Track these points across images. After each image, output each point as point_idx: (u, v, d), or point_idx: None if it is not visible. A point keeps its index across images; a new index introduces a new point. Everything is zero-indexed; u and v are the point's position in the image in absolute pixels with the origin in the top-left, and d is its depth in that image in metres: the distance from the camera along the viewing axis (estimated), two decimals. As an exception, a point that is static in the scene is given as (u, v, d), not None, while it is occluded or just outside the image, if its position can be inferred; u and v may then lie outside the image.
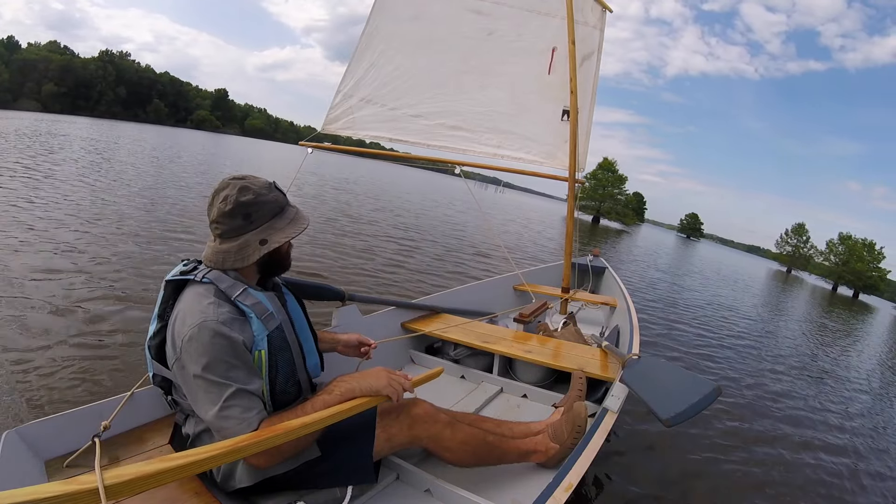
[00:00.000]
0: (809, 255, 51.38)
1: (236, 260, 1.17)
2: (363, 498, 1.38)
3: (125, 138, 25.89)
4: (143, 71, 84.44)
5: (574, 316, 3.38)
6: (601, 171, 49.72)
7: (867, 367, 7.39)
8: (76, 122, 37.02)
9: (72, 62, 70.27)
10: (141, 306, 3.40)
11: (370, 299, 2.48)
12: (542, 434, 1.63)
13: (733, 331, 7.22)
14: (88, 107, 69.14)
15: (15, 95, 59.29)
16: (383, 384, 1.23)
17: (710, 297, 10.91)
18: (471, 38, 3.53)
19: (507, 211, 26.30)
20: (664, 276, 13.13)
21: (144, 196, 8.29)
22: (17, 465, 1.12)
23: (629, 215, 51.56)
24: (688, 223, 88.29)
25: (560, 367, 2.20)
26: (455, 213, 16.86)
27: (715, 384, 1.53)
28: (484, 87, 3.57)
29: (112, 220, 6.08)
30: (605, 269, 4.69)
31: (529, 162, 3.66)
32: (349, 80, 3.43)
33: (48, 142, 16.17)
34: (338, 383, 1.22)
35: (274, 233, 1.19)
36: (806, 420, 3.86)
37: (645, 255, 19.65)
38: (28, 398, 2.18)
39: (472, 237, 11.23)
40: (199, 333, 1.05)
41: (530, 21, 3.53)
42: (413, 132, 3.56)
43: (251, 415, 1.06)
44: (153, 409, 1.46)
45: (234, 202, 1.14)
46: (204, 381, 1.05)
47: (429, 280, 5.98)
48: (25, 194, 6.67)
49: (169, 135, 41.34)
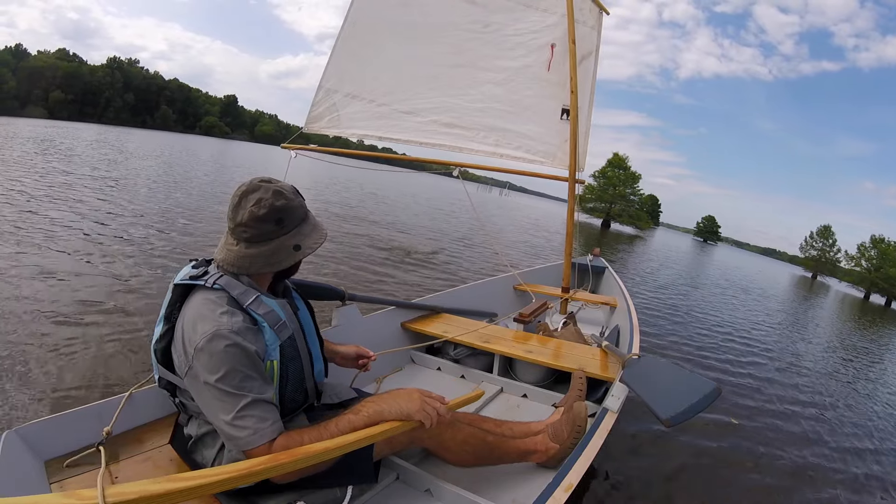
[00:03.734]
0: (836, 259, 48.09)
1: (265, 265, 1.14)
2: (363, 498, 1.38)
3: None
4: (152, 78, 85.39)
5: (574, 316, 3.38)
6: (611, 169, 45.01)
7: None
8: (87, 128, 36.88)
9: (79, 69, 71.03)
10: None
11: (370, 299, 2.48)
12: (542, 434, 1.63)
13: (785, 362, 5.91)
14: (96, 113, 69.99)
15: (22, 102, 59.97)
16: (416, 408, 1.18)
17: (744, 314, 9.41)
18: (464, 29, 3.37)
19: (519, 213, 25.31)
20: (688, 286, 11.77)
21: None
22: (17, 466, 1.11)
23: (643, 218, 46.53)
24: (704, 226, 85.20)
25: (560, 367, 2.20)
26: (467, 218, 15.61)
27: (715, 384, 1.53)
28: (479, 83, 3.42)
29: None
30: (605, 268, 4.69)
31: (529, 161, 3.59)
32: (332, 74, 3.20)
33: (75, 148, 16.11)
34: (366, 404, 1.18)
35: (304, 238, 1.17)
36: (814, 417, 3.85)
37: (664, 261, 18.27)
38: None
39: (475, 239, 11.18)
40: (212, 343, 1.02)
41: (527, 16, 3.42)
42: (405, 130, 3.40)
43: (266, 426, 1.03)
44: (153, 409, 1.46)
45: (269, 206, 1.10)
46: (218, 391, 1.02)
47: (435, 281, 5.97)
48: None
49: (178, 140, 41.17)
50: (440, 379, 2.41)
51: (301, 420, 1.24)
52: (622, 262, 14.10)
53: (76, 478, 1.19)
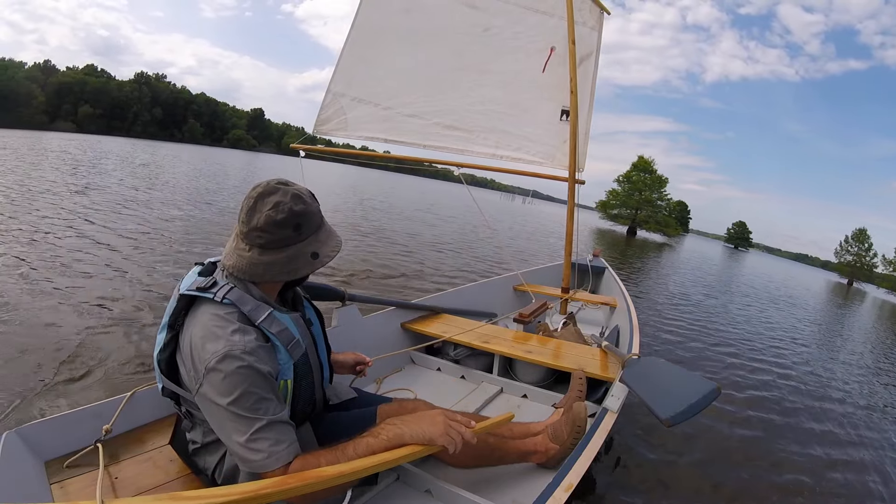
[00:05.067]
0: (873, 264, 45.45)
1: (281, 273, 1.06)
2: (363, 498, 1.38)
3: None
4: (179, 92, 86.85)
5: (574, 316, 3.38)
6: (636, 173, 41.79)
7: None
8: (116, 142, 36.66)
9: (107, 84, 72.74)
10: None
11: (370, 299, 2.48)
12: (541, 434, 1.63)
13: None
14: (124, 127, 71.43)
15: (51, 117, 61.15)
16: (439, 432, 1.09)
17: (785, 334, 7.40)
18: (465, 33, 3.42)
19: (540, 221, 24.01)
20: (725, 302, 9.64)
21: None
22: (17, 466, 1.11)
23: (671, 224, 42.36)
24: (735, 232, 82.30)
25: (560, 367, 2.20)
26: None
27: (715, 384, 1.53)
28: (480, 86, 3.48)
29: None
30: (605, 269, 4.70)
31: (528, 162, 3.64)
32: (339, 79, 3.28)
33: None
34: (386, 426, 1.12)
35: (321, 246, 1.09)
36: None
37: (696, 273, 15.95)
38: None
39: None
40: (224, 364, 0.96)
41: (527, 19, 3.47)
42: (408, 132, 3.45)
43: (281, 448, 0.98)
44: (153, 409, 1.46)
45: (288, 211, 1.02)
46: (231, 414, 0.97)
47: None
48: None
49: (207, 153, 40.77)
50: (440, 379, 2.41)
51: (306, 429, 1.21)
52: (644, 273, 12.46)
53: (76, 478, 1.18)
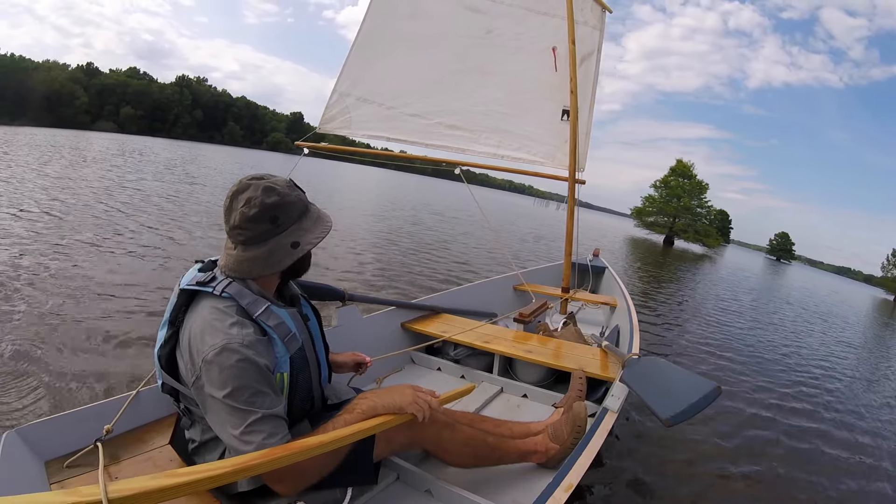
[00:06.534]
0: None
1: (265, 267, 1.09)
2: (363, 498, 1.38)
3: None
4: (219, 95, 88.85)
5: (574, 316, 3.38)
6: (674, 178, 38.74)
7: None
8: (159, 142, 37.17)
9: (148, 87, 74.69)
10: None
11: (370, 299, 2.48)
12: (542, 434, 1.63)
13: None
14: (164, 129, 72.90)
15: (93, 118, 63.11)
16: (408, 401, 1.18)
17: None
18: (468, 36, 3.50)
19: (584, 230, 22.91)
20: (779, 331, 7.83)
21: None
22: (18, 466, 1.11)
23: (711, 234, 38.69)
24: (778, 244, 79.50)
25: (560, 367, 2.20)
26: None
27: (715, 384, 1.52)
28: (482, 86, 3.54)
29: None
30: (605, 268, 4.69)
31: (529, 162, 3.66)
32: (345, 79, 3.38)
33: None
34: (360, 401, 1.18)
35: (304, 234, 1.11)
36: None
37: (739, 289, 13.69)
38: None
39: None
40: (221, 356, 0.99)
41: (529, 20, 3.52)
42: (410, 131, 3.52)
43: (274, 441, 1.01)
44: (154, 409, 1.45)
45: (259, 205, 1.05)
46: (227, 406, 0.99)
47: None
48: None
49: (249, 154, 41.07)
50: (440, 379, 2.41)
51: (304, 426, 1.22)
52: (678, 287, 10.95)
53: (76, 478, 1.18)
